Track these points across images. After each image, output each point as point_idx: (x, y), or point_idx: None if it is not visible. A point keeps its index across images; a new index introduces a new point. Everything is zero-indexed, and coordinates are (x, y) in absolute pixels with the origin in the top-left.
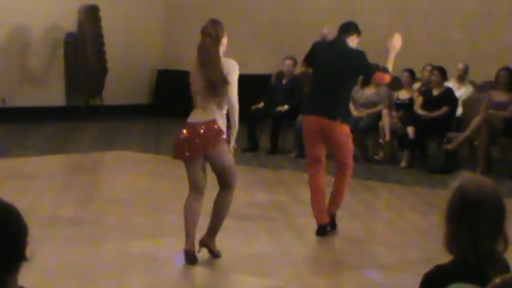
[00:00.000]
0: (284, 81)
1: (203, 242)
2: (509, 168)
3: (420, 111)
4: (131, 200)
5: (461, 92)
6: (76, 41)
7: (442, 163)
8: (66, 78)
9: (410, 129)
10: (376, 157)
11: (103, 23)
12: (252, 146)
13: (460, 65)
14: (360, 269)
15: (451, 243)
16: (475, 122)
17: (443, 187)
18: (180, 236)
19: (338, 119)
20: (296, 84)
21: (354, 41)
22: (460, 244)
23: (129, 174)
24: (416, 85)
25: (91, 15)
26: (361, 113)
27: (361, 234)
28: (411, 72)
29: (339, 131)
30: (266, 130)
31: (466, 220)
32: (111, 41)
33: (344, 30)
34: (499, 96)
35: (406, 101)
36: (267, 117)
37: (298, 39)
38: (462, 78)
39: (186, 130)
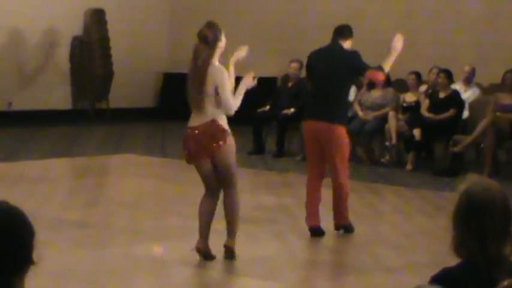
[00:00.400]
0: (290, 84)
1: (228, 246)
2: None
3: (427, 114)
4: (137, 203)
5: (468, 94)
6: (82, 44)
7: (448, 166)
8: (72, 82)
9: (417, 132)
10: (382, 160)
11: (109, 26)
12: (258, 148)
13: (467, 68)
14: (366, 272)
15: (459, 246)
16: (482, 124)
17: (450, 190)
18: (187, 238)
19: (335, 121)
20: (302, 87)
21: (349, 44)
22: (468, 247)
23: (135, 178)
24: (423, 88)
25: (97, 18)
26: (367, 115)
27: (367, 236)
28: (418, 74)
29: (335, 134)
30: (272, 133)
31: (473, 223)
32: (117, 45)
33: (339, 33)
34: (506, 98)
35: (413, 104)
36: (273, 120)
37: (304, 42)
38: (469, 80)
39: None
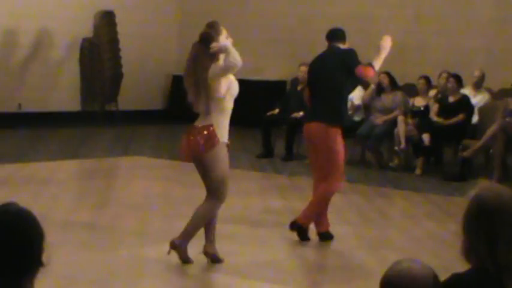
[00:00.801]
0: (299, 88)
1: (173, 244)
2: None
3: (436, 119)
4: (146, 205)
5: (478, 99)
6: (92, 46)
7: (458, 171)
8: (82, 84)
9: (426, 137)
10: (391, 164)
11: (119, 28)
12: (267, 152)
13: (477, 72)
14: (375, 276)
15: (469, 252)
16: (491, 129)
17: (459, 195)
18: (195, 241)
19: (329, 122)
20: None
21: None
22: (478, 253)
23: (144, 180)
24: (432, 92)
25: (107, 20)
26: (378, 119)
27: (376, 241)
28: (427, 79)
29: (327, 135)
30: (281, 136)
31: (483, 229)
32: (126, 47)
33: (336, 37)
34: None
35: (422, 108)
36: (282, 123)
37: (313, 46)
38: (478, 85)
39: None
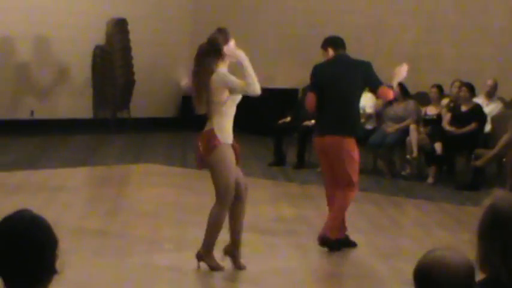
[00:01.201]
0: None
1: (198, 255)
2: None
3: (448, 127)
4: (158, 212)
5: (490, 108)
6: (104, 53)
7: (470, 180)
8: (94, 91)
9: (438, 145)
10: (403, 173)
11: (131, 36)
12: (279, 160)
13: (489, 81)
14: (386, 285)
15: (483, 261)
16: (504, 138)
17: (471, 204)
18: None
19: (345, 134)
20: None
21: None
22: (492, 263)
23: (156, 187)
24: (445, 101)
25: (119, 28)
26: (390, 128)
27: (387, 250)
28: (439, 88)
29: (344, 148)
30: (293, 144)
31: (498, 239)
32: (138, 54)
33: (342, 45)
34: None
35: (434, 117)
36: (294, 131)
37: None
38: (491, 94)
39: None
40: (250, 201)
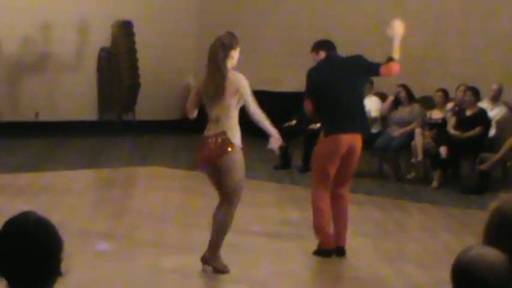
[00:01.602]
0: None
1: (203, 258)
2: None
3: (453, 131)
4: (163, 215)
5: (495, 112)
6: (109, 55)
7: (475, 184)
8: (99, 93)
9: (443, 149)
10: (408, 176)
11: (137, 38)
12: (284, 163)
13: (494, 86)
14: None
15: None
16: (509, 142)
17: (476, 208)
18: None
19: (362, 131)
20: None
21: None
22: None
23: (161, 190)
24: (450, 105)
25: (125, 30)
26: (395, 131)
27: (393, 253)
28: (444, 92)
29: (359, 144)
30: (298, 147)
31: (505, 242)
32: (144, 57)
33: (333, 47)
34: None
35: (439, 121)
36: (300, 134)
37: None
38: (496, 98)
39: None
40: (255, 204)
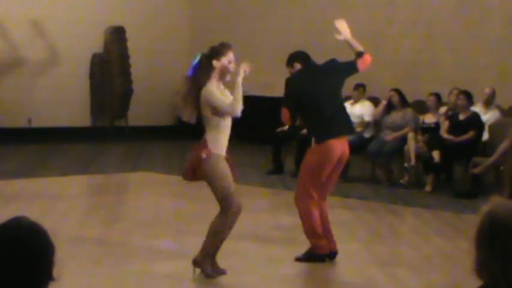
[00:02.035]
0: None
1: (194, 261)
2: None
3: (446, 136)
4: (155, 221)
5: (488, 116)
6: (102, 61)
7: (468, 188)
8: (92, 99)
9: (436, 154)
10: (401, 181)
11: (129, 44)
12: (277, 168)
13: (487, 90)
14: None
15: (481, 269)
16: (502, 146)
17: (469, 212)
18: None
19: (352, 131)
20: None
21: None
22: (490, 270)
23: (154, 196)
24: (443, 109)
25: (117, 36)
26: (388, 136)
27: (386, 258)
28: (437, 96)
29: (348, 151)
30: (291, 153)
31: (496, 246)
32: (136, 62)
33: (306, 57)
34: None
35: (432, 125)
36: (292, 139)
37: None
38: (489, 102)
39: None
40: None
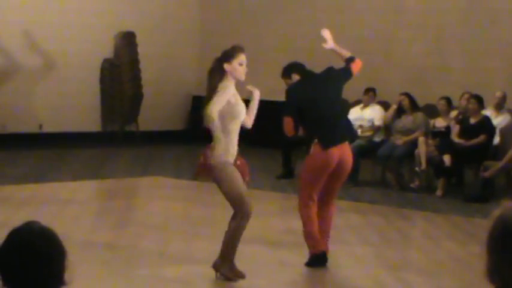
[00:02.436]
0: None
1: (214, 265)
2: None
3: (457, 140)
4: (166, 225)
5: (499, 120)
6: (112, 66)
7: (479, 192)
8: (102, 104)
9: (447, 158)
10: (411, 185)
11: (139, 49)
12: (287, 173)
13: (498, 93)
14: None
15: (493, 273)
16: None
17: (480, 216)
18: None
19: (354, 137)
20: None
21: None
22: (502, 274)
23: (164, 200)
24: (453, 113)
25: (127, 41)
26: (399, 139)
27: (396, 262)
28: (448, 100)
29: (351, 156)
30: (301, 157)
31: (508, 250)
32: (147, 67)
33: (302, 67)
34: None
35: (443, 129)
36: (302, 144)
37: None
38: (500, 106)
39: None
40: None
